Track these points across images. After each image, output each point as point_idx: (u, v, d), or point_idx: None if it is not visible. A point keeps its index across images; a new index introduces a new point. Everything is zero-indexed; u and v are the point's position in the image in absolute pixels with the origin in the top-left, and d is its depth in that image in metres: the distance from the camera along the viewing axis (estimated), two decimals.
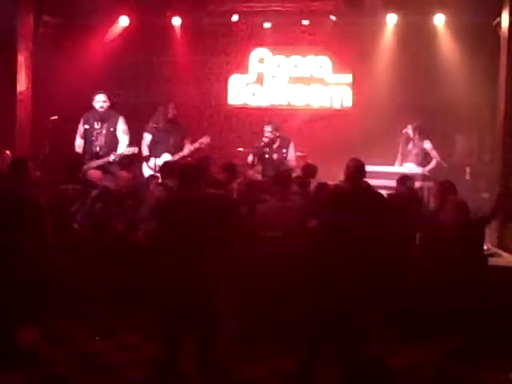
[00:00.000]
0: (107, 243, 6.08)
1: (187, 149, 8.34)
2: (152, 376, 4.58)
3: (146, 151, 8.46)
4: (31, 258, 5.01)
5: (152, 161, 8.30)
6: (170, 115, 8.53)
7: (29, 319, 5.38)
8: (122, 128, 8.11)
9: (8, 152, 7.54)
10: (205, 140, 8.34)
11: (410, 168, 8.38)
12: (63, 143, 8.52)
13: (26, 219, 4.98)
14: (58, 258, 5.83)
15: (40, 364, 5.02)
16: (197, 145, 8.32)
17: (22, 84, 8.82)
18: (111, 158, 7.81)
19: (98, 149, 8.04)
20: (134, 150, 7.93)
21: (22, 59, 8.79)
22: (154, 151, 8.40)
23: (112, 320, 5.77)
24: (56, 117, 8.23)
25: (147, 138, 8.48)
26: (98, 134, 8.07)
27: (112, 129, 8.08)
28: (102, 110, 8.04)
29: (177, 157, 8.28)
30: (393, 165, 8.69)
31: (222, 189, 5.68)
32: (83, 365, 5.07)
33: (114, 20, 9.80)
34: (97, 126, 8.08)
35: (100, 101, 8.05)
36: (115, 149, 8.00)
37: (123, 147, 8.00)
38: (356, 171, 4.87)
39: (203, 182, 4.86)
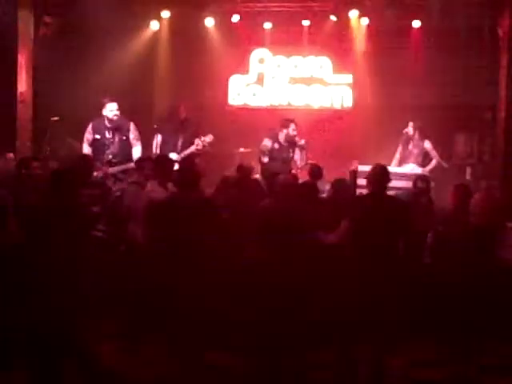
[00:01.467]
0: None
1: (192, 148, 8.31)
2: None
3: (156, 151, 8.37)
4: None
5: None
6: (182, 116, 8.56)
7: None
8: (133, 135, 7.94)
9: (11, 154, 7.52)
10: (208, 138, 8.33)
11: (411, 168, 8.38)
12: (63, 144, 8.53)
13: None
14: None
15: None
16: (199, 143, 8.29)
17: (22, 84, 8.81)
18: (132, 164, 7.51)
19: (110, 157, 7.81)
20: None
21: (22, 59, 8.78)
22: (163, 151, 8.32)
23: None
24: (57, 117, 8.23)
25: (158, 138, 8.41)
26: (110, 143, 7.84)
27: (124, 137, 7.88)
28: (115, 118, 7.77)
29: (182, 155, 8.29)
30: (389, 165, 8.69)
31: None
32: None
33: (114, 20, 9.78)
34: (108, 135, 7.85)
35: (114, 109, 7.77)
36: (129, 156, 7.81)
37: (137, 153, 7.85)
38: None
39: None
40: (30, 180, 6.06)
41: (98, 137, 7.87)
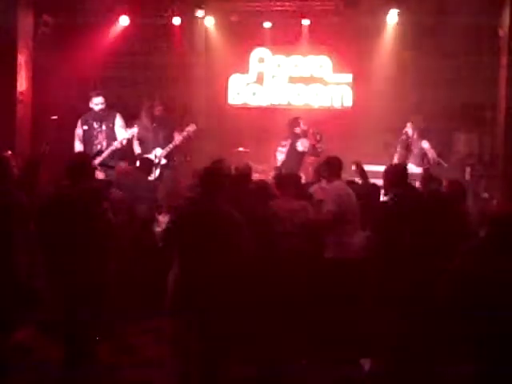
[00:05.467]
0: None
1: (176, 139, 8.45)
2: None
3: (137, 149, 8.59)
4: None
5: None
6: (157, 112, 8.68)
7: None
8: (119, 124, 8.24)
9: (9, 152, 7.54)
10: (191, 128, 8.43)
11: (410, 168, 8.35)
12: (63, 143, 8.53)
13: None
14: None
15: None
16: (185, 133, 8.42)
17: (22, 84, 8.83)
18: (115, 144, 7.92)
19: (98, 147, 8.13)
20: (133, 131, 8.09)
21: (22, 59, 8.80)
22: (146, 148, 8.54)
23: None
24: (56, 117, 8.25)
25: (135, 135, 8.52)
26: (97, 132, 8.18)
27: (111, 125, 8.20)
28: (100, 110, 8.13)
29: (168, 149, 8.43)
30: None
31: None
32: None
33: (114, 20, 9.79)
34: (96, 125, 8.19)
35: (99, 103, 8.14)
36: None
37: (124, 136, 8.09)
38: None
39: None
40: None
41: (85, 128, 8.20)
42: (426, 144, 8.63)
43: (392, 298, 4.65)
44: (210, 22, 9.89)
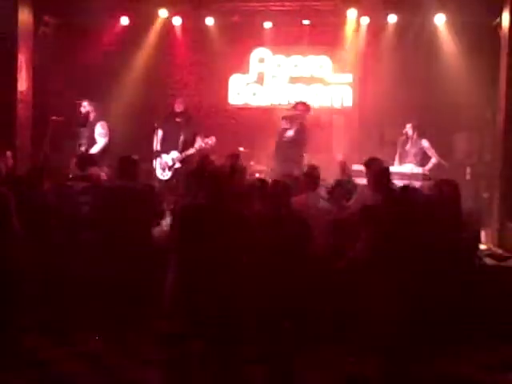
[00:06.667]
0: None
1: (194, 148, 8.56)
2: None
3: (157, 147, 8.62)
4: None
5: (163, 157, 8.64)
6: (177, 109, 8.76)
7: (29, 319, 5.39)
8: (98, 131, 8.38)
9: (9, 152, 7.56)
10: (211, 140, 8.56)
11: (411, 168, 8.36)
12: (63, 143, 8.57)
13: None
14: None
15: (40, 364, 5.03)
16: (202, 144, 8.53)
17: (22, 84, 8.83)
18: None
19: (83, 148, 8.36)
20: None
21: (22, 59, 8.80)
22: (164, 147, 8.63)
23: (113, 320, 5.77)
24: (56, 117, 8.27)
25: (159, 133, 8.65)
26: (82, 136, 8.42)
27: (91, 132, 8.37)
28: (83, 114, 8.41)
29: (184, 155, 8.57)
30: (392, 165, 8.67)
31: None
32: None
33: (115, 20, 9.81)
34: (82, 128, 8.44)
35: (84, 106, 8.44)
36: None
37: (96, 149, 8.27)
38: None
39: None
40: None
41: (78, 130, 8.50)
42: (425, 143, 8.63)
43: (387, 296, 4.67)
44: (210, 22, 9.89)
